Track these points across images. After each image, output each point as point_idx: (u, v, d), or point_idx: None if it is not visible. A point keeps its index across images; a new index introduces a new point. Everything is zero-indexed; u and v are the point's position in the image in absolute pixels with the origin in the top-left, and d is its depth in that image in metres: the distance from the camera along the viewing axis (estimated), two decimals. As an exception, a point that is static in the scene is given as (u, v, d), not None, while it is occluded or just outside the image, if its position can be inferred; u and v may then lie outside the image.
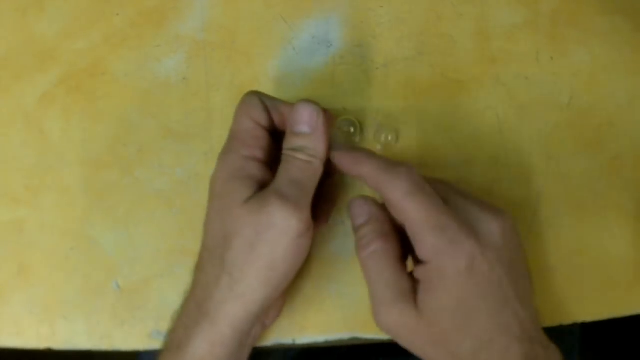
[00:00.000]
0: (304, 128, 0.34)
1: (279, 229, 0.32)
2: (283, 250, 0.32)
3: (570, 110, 0.43)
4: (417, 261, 0.33)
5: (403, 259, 0.34)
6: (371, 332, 0.40)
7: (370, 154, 0.34)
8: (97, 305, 0.40)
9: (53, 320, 0.40)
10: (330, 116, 0.36)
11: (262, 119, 0.35)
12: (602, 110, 0.42)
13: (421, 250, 0.32)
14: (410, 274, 0.33)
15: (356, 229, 0.34)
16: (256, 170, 0.34)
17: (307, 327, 0.40)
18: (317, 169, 0.34)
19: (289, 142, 0.34)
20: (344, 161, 0.35)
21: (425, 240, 0.31)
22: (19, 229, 0.41)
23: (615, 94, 0.43)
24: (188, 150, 0.42)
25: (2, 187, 0.41)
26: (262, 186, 0.34)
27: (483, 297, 0.31)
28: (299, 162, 0.33)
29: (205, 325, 0.33)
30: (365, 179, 0.33)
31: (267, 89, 0.42)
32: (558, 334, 0.36)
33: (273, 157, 0.35)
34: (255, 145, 0.34)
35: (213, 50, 0.43)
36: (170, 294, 0.40)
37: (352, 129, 0.40)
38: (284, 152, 0.34)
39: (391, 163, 0.33)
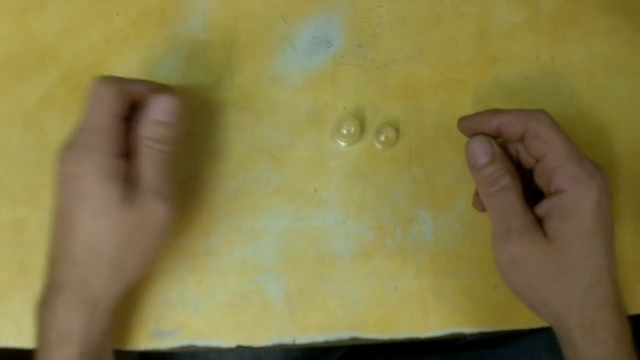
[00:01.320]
0: (165, 117, 0.35)
1: (160, 224, 0.35)
2: (159, 240, 0.35)
3: (570, 110, 0.43)
4: (545, 195, 0.35)
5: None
6: (371, 332, 0.40)
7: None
8: (97, 305, 0.40)
9: (53, 320, 0.40)
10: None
11: (121, 110, 0.35)
12: (602, 110, 0.42)
13: (562, 178, 0.33)
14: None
15: (480, 167, 0.35)
16: (123, 168, 0.34)
17: (307, 327, 0.40)
18: (172, 156, 0.36)
19: (149, 131, 0.35)
20: (476, 120, 0.36)
21: (567, 168, 0.33)
22: (19, 229, 0.41)
23: (615, 94, 0.43)
24: (188, 150, 0.42)
25: (2, 187, 0.41)
26: (126, 178, 0.34)
27: (603, 233, 0.33)
28: (164, 155, 0.35)
29: (89, 310, 0.34)
30: (505, 124, 0.35)
31: (267, 88, 0.42)
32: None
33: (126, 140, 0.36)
34: (118, 141, 0.34)
35: (213, 50, 0.43)
36: (170, 294, 0.40)
37: (352, 129, 0.40)
38: (145, 141, 0.35)
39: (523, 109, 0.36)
